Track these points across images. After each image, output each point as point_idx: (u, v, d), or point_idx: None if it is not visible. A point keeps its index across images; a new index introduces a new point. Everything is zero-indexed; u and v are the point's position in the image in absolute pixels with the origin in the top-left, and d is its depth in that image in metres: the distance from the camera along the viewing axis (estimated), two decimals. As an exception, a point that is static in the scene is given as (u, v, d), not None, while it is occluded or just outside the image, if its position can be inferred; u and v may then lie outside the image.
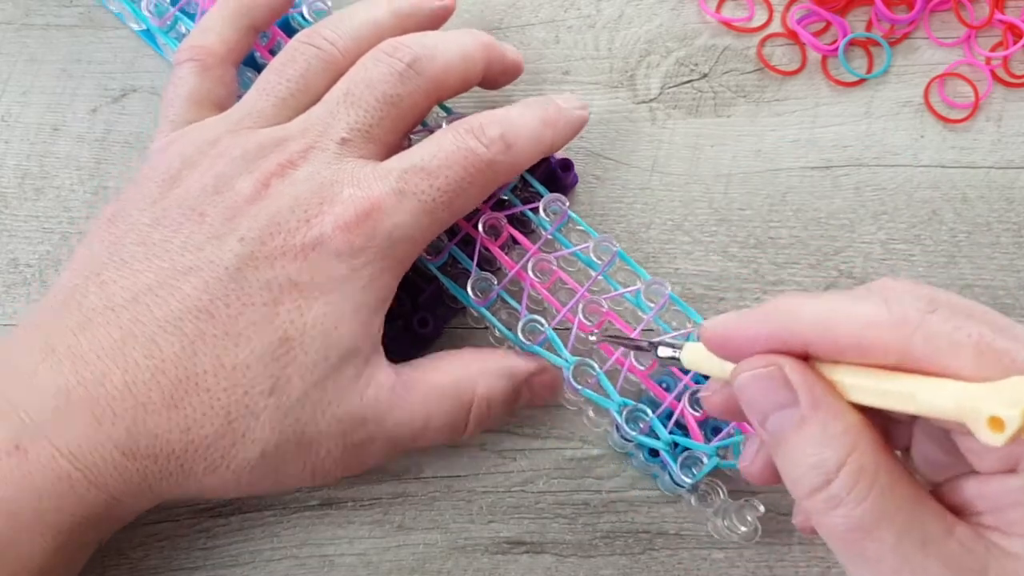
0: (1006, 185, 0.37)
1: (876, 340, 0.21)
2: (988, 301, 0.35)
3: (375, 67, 0.31)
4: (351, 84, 0.31)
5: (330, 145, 0.30)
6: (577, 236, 0.34)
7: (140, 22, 0.37)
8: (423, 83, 0.31)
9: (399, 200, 0.29)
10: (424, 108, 0.32)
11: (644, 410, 0.31)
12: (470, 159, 0.30)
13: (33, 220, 0.37)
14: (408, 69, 0.31)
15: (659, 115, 0.38)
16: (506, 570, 0.33)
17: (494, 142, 0.30)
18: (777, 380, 0.22)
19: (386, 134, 0.31)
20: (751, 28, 0.39)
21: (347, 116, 0.30)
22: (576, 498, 0.33)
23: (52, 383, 0.26)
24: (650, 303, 0.33)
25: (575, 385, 0.32)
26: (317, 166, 0.29)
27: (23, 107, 0.38)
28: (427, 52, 0.31)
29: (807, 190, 0.37)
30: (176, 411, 0.27)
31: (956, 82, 0.38)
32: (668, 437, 0.31)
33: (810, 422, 0.22)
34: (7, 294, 0.36)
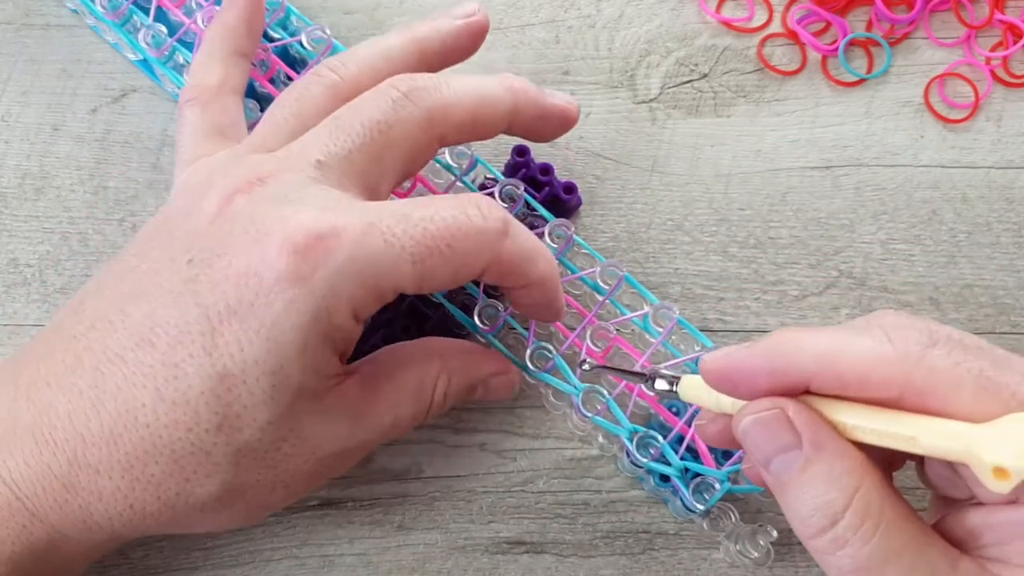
0: (1006, 185, 0.37)
1: (878, 374, 0.21)
2: (988, 301, 0.35)
3: (370, 95, 0.29)
4: (341, 110, 0.29)
5: (304, 167, 0.27)
6: (583, 259, 0.34)
7: (137, 52, 0.37)
8: (418, 114, 0.28)
9: (363, 234, 0.25)
10: (421, 145, 0.29)
11: (655, 436, 0.31)
12: (461, 224, 0.27)
13: (33, 220, 0.37)
14: (403, 97, 0.28)
15: (659, 115, 0.38)
16: (506, 570, 0.33)
17: (494, 219, 0.27)
18: (781, 423, 0.23)
19: (370, 164, 0.28)
20: (751, 28, 0.39)
21: (328, 139, 0.28)
22: (576, 498, 0.33)
23: (5, 408, 0.26)
24: (658, 327, 0.33)
25: (585, 413, 0.31)
26: (284, 186, 0.27)
27: (23, 107, 0.38)
28: (431, 83, 0.29)
29: (807, 190, 0.37)
30: (115, 447, 0.25)
31: (956, 82, 0.38)
32: (679, 463, 0.31)
33: (814, 464, 0.22)
34: (7, 294, 0.36)
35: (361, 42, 0.31)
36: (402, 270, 0.26)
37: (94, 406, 0.25)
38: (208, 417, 0.25)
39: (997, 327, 0.35)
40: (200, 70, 0.33)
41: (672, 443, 0.31)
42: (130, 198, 0.37)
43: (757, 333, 0.35)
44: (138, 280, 0.27)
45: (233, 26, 0.33)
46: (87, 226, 0.37)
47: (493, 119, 0.30)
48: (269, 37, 0.36)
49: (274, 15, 0.36)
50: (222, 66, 0.33)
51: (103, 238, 0.36)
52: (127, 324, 0.26)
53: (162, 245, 0.27)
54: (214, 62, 0.33)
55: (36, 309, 0.36)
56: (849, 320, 0.35)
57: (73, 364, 0.26)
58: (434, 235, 0.26)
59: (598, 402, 0.32)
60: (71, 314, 0.28)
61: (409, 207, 0.27)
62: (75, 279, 0.36)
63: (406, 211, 0.26)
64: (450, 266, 0.27)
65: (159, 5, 0.36)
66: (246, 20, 0.34)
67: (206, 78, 0.32)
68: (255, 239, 0.26)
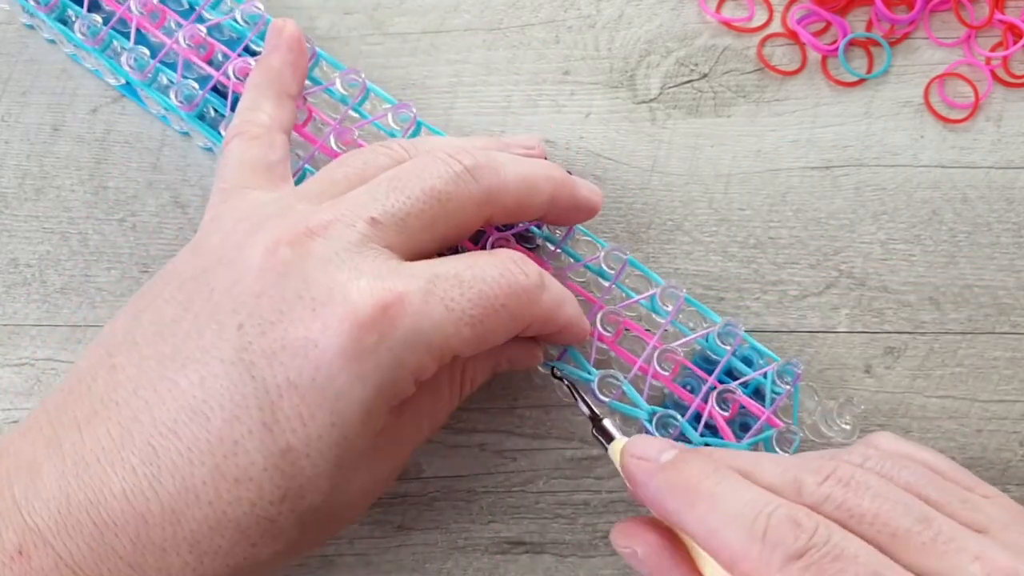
0: (1006, 185, 0.37)
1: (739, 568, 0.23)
2: (988, 301, 0.35)
3: (431, 161, 0.28)
4: (401, 171, 0.28)
5: (357, 223, 0.26)
6: (584, 246, 0.34)
7: (119, 77, 0.36)
8: (476, 191, 0.28)
9: (424, 301, 0.25)
10: (471, 219, 0.29)
11: (674, 415, 0.31)
12: (509, 283, 0.27)
13: (33, 220, 0.37)
14: (465, 172, 0.28)
15: (659, 115, 0.38)
16: (506, 570, 0.33)
17: (533, 275, 0.28)
18: (632, 557, 0.27)
19: (422, 231, 0.27)
20: (751, 28, 0.39)
21: (386, 198, 0.27)
22: (576, 498, 0.33)
23: (55, 484, 0.25)
24: (666, 307, 0.33)
25: (601, 398, 0.31)
26: (336, 244, 0.26)
27: (23, 107, 0.38)
28: (490, 163, 0.29)
29: (807, 190, 0.37)
30: (179, 525, 0.25)
31: (956, 82, 0.38)
32: (700, 439, 0.31)
33: None
34: (7, 294, 0.36)
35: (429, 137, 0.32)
36: (463, 333, 0.26)
37: (152, 486, 0.24)
38: (271, 491, 0.25)
39: (997, 327, 0.35)
40: (247, 109, 0.32)
41: (690, 421, 0.31)
42: (130, 198, 0.37)
43: (757, 333, 0.35)
44: (181, 342, 0.26)
45: (278, 69, 0.33)
46: (87, 226, 0.37)
47: (535, 205, 0.30)
48: (251, 51, 0.36)
49: (255, 28, 0.36)
50: (270, 105, 0.32)
51: (103, 238, 0.36)
52: (176, 394, 0.25)
53: (204, 299, 0.26)
54: (262, 101, 0.32)
55: (36, 309, 0.36)
56: (848, 318, 0.35)
57: (121, 437, 0.25)
58: (489, 297, 0.27)
59: (614, 387, 0.32)
60: (105, 370, 0.26)
61: (457, 267, 0.27)
62: (75, 279, 0.36)
63: (457, 272, 0.27)
64: (504, 326, 0.27)
65: (139, 27, 0.36)
66: (290, 63, 0.33)
67: (255, 115, 0.32)
68: (312, 308, 0.25)
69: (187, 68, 0.35)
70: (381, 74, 0.38)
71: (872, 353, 0.35)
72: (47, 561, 0.24)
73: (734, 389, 0.31)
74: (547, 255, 0.34)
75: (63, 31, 0.36)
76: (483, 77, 0.38)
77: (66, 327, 0.35)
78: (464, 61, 0.39)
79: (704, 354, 0.33)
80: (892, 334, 0.35)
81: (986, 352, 0.35)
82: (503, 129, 0.38)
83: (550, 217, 0.31)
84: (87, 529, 0.24)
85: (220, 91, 0.35)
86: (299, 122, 0.35)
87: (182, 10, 0.37)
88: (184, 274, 0.27)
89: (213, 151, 0.37)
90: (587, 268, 0.33)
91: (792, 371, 0.32)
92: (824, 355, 0.35)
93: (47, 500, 0.25)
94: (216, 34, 0.36)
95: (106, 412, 0.25)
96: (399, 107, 0.34)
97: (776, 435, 0.31)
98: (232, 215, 0.28)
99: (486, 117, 0.38)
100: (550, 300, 0.28)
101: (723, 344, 0.32)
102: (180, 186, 0.37)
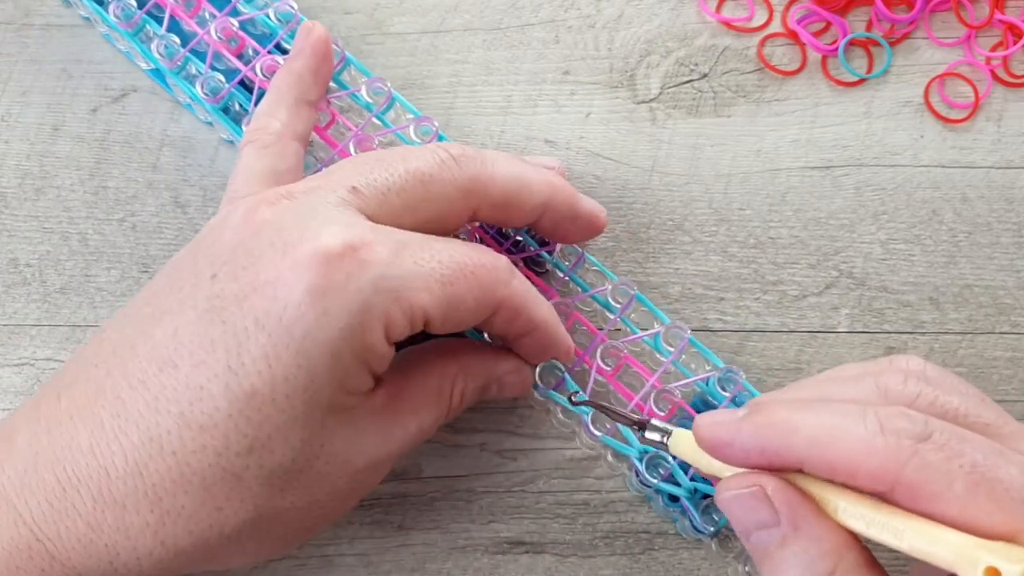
0: (1006, 185, 0.37)
1: (868, 467, 0.22)
2: (988, 301, 0.35)
3: (420, 149, 0.29)
4: (387, 151, 0.29)
5: (338, 188, 0.27)
6: (594, 276, 0.34)
7: (149, 62, 0.36)
8: (460, 177, 0.28)
9: (395, 253, 0.25)
10: (455, 207, 0.29)
11: (665, 457, 0.31)
12: (479, 258, 0.27)
13: (33, 220, 0.37)
14: (450, 159, 0.28)
15: (659, 115, 0.38)
16: (506, 570, 0.33)
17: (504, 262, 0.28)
18: (759, 500, 0.23)
19: (403, 210, 0.28)
20: (751, 28, 0.39)
21: (370, 172, 0.27)
22: (576, 498, 0.33)
23: (26, 444, 0.25)
24: (669, 347, 0.33)
25: (594, 432, 0.31)
26: (314, 202, 0.26)
27: (23, 107, 0.38)
28: (478, 155, 0.29)
29: (807, 190, 0.37)
30: (141, 479, 0.24)
31: (956, 82, 0.38)
32: (689, 484, 0.31)
33: (791, 543, 0.23)
34: (7, 294, 0.36)
35: None
36: (433, 289, 0.26)
37: (117, 437, 0.24)
38: (237, 440, 0.24)
39: (997, 327, 0.35)
40: (264, 114, 0.32)
41: (681, 463, 0.31)
42: (130, 198, 0.37)
43: (757, 333, 0.35)
44: (161, 301, 0.26)
45: (300, 74, 0.33)
46: (87, 226, 0.37)
47: (527, 206, 0.30)
48: (281, 49, 0.36)
49: (287, 27, 0.36)
50: (287, 112, 0.32)
51: (103, 238, 0.36)
52: (149, 347, 0.25)
53: (187, 266, 0.26)
54: (279, 108, 0.32)
55: (36, 309, 0.36)
56: (848, 318, 0.35)
57: (94, 393, 0.25)
58: (460, 263, 0.27)
59: (607, 421, 0.31)
60: (95, 343, 0.27)
61: (429, 239, 0.27)
62: (75, 279, 0.36)
63: (427, 240, 0.26)
64: (473, 295, 0.27)
65: (172, 15, 0.36)
66: (313, 69, 0.33)
67: (270, 122, 0.32)
68: (282, 250, 0.25)
69: (216, 60, 0.36)
70: (381, 74, 0.38)
71: (872, 353, 0.35)
72: (7, 518, 0.24)
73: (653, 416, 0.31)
74: (555, 282, 0.34)
75: (98, 11, 0.36)
76: (483, 77, 0.38)
77: (66, 327, 0.35)
78: (464, 61, 0.39)
79: (703, 397, 0.33)
80: (892, 334, 0.35)
81: (986, 352, 0.35)
82: (503, 129, 0.38)
83: (546, 225, 0.31)
84: (49, 485, 0.24)
85: (247, 86, 0.35)
86: (322, 124, 0.35)
87: (217, 1, 0.37)
88: (175, 258, 0.28)
89: (235, 144, 0.37)
90: (594, 299, 0.33)
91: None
92: (824, 355, 0.35)
93: (15, 461, 0.25)
94: (249, 28, 0.36)
95: (85, 374, 0.26)
96: (421, 120, 0.34)
97: None
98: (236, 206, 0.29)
99: (486, 117, 0.38)
100: (520, 287, 0.28)
101: (722, 390, 0.32)
102: (180, 186, 0.37)
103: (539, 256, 0.34)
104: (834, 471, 0.22)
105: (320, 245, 0.25)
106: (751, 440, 0.23)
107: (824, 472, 0.22)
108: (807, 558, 0.22)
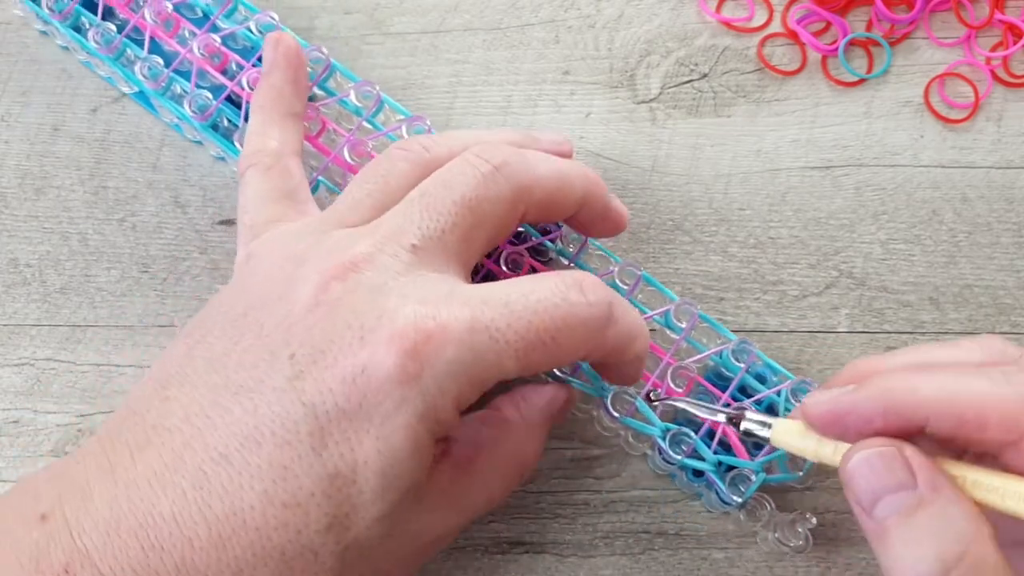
0: (1006, 185, 0.37)
1: (999, 414, 0.22)
2: (988, 301, 0.35)
3: (458, 167, 0.28)
4: (429, 184, 0.28)
5: (399, 252, 0.27)
6: (598, 261, 0.34)
7: (132, 85, 0.36)
8: (508, 190, 0.28)
9: (469, 330, 0.25)
10: (506, 220, 0.28)
11: (687, 432, 0.31)
12: (564, 315, 0.26)
13: (33, 220, 0.37)
14: (494, 172, 0.28)
15: (659, 115, 0.38)
16: (506, 570, 0.33)
17: (599, 305, 0.27)
18: (896, 460, 0.22)
19: (459, 243, 0.27)
20: (751, 28, 0.39)
21: (420, 220, 0.27)
22: (576, 498, 0.33)
23: (106, 506, 0.25)
24: (679, 323, 0.33)
25: (614, 414, 0.31)
26: (382, 274, 0.26)
27: (23, 107, 0.38)
28: (519, 159, 0.28)
29: (807, 190, 0.37)
30: (224, 551, 0.25)
31: (956, 82, 0.38)
32: (713, 457, 0.31)
33: (929, 506, 0.22)
34: (7, 294, 0.36)
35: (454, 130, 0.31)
36: (506, 365, 0.26)
37: (200, 509, 0.25)
38: (318, 518, 0.25)
39: (997, 327, 0.35)
40: (256, 135, 0.32)
41: (703, 438, 0.31)
42: (130, 198, 0.37)
43: (757, 333, 0.35)
44: (233, 373, 0.26)
45: (279, 88, 0.33)
46: (87, 226, 0.37)
47: (568, 202, 0.30)
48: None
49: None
50: (278, 129, 0.32)
51: (103, 238, 0.36)
52: (228, 421, 0.25)
53: (254, 334, 0.26)
54: (269, 126, 0.32)
55: (36, 309, 0.36)
56: (848, 318, 0.35)
57: (173, 462, 0.25)
58: (538, 329, 0.26)
59: (627, 403, 0.31)
60: (158, 401, 0.26)
61: (511, 293, 0.26)
62: (75, 279, 0.36)
63: (508, 300, 0.26)
64: (553, 358, 0.26)
65: (153, 36, 0.35)
66: (291, 80, 0.33)
67: (265, 142, 0.32)
68: (360, 336, 0.25)
69: (201, 77, 0.35)
70: (381, 74, 0.38)
71: (872, 353, 0.35)
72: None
73: (747, 407, 0.31)
74: (560, 268, 0.33)
75: (77, 39, 0.36)
76: (483, 77, 0.38)
77: (66, 327, 0.35)
78: (464, 61, 0.39)
79: (718, 371, 0.33)
80: (892, 334, 0.35)
81: (986, 352, 0.35)
82: (503, 129, 0.38)
83: (579, 219, 0.31)
84: (133, 552, 0.24)
85: (234, 101, 0.35)
86: (312, 133, 0.34)
87: (196, 19, 0.36)
88: (232, 312, 0.27)
89: (226, 160, 0.36)
90: None
91: (806, 390, 0.32)
92: (824, 355, 0.35)
93: (97, 522, 0.25)
94: (230, 43, 0.36)
95: (158, 439, 0.26)
96: (413, 120, 0.34)
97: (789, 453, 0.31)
98: (270, 252, 0.29)
99: (486, 117, 0.38)
100: (616, 336, 0.27)
101: (737, 361, 0.32)
102: (180, 186, 0.37)
103: (542, 244, 0.33)
104: (962, 423, 0.22)
105: (396, 332, 0.25)
106: (871, 404, 0.23)
107: (952, 425, 0.22)
108: (947, 522, 0.21)
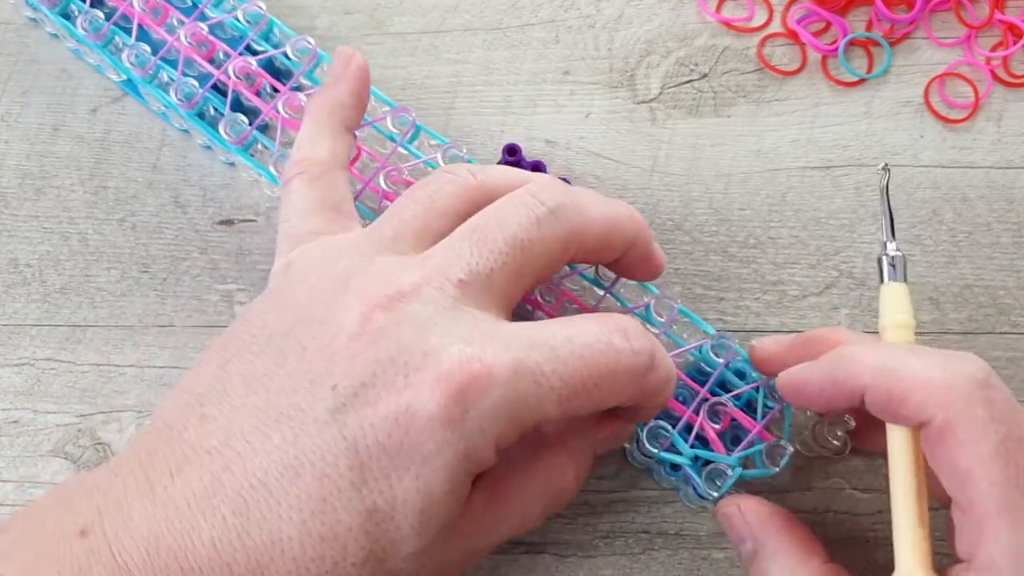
0: (1006, 185, 0.37)
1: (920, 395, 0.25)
2: (988, 301, 0.35)
3: (513, 206, 0.28)
4: (482, 219, 0.28)
5: (447, 286, 0.26)
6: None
7: (121, 73, 0.36)
8: (561, 233, 0.28)
9: (514, 373, 0.25)
10: (556, 262, 0.28)
11: (664, 426, 0.31)
12: (608, 361, 0.26)
13: (33, 220, 0.37)
14: (549, 215, 0.27)
15: (659, 115, 0.38)
16: (506, 570, 0.33)
17: (643, 354, 0.27)
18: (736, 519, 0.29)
19: (507, 283, 0.27)
20: (751, 28, 0.39)
21: (470, 255, 0.27)
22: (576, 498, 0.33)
23: (146, 525, 0.25)
24: (659, 317, 0.33)
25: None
26: (428, 308, 0.26)
27: (23, 107, 0.38)
28: (574, 203, 0.28)
29: (807, 190, 0.37)
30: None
31: (956, 82, 0.38)
32: (690, 452, 0.31)
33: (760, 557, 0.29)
34: (7, 294, 0.36)
35: None
36: (547, 409, 0.26)
37: (239, 536, 0.25)
38: (355, 552, 0.25)
39: (997, 327, 0.35)
40: (308, 143, 0.32)
41: (681, 432, 0.31)
42: (130, 198, 0.37)
43: (757, 333, 0.35)
44: (275, 397, 0.26)
45: (342, 101, 0.32)
46: (87, 226, 0.37)
47: (616, 246, 0.30)
48: (252, 50, 0.36)
49: (257, 28, 0.35)
50: (331, 140, 0.32)
51: (103, 238, 0.36)
52: (268, 448, 0.25)
53: (296, 357, 0.26)
54: (323, 136, 0.32)
55: (36, 309, 0.36)
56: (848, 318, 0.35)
57: (212, 485, 0.25)
58: (583, 375, 0.26)
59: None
60: (196, 418, 0.26)
61: (556, 336, 0.26)
62: (75, 279, 0.36)
63: (554, 344, 0.26)
64: (594, 402, 0.27)
65: (141, 24, 0.36)
66: (355, 94, 0.33)
67: (315, 151, 0.31)
68: (404, 374, 0.25)
69: (188, 66, 0.35)
70: (381, 74, 0.38)
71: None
72: None
73: (726, 402, 0.31)
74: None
75: (65, 26, 0.36)
76: (483, 77, 0.38)
77: (66, 327, 0.35)
78: (464, 61, 0.39)
79: (697, 366, 0.33)
80: (892, 334, 0.35)
81: (986, 352, 0.35)
82: (503, 129, 0.38)
83: (621, 263, 0.31)
84: (173, 573, 0.25)
85: (220, 90, 0.35)
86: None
87: (184, 7, 0.37)
88: (272, 328, 0.27)
89: (212, 149, 0.37)
90: (582, 276, 0.33)
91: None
92: (824, 355, 0.35)
93: (137, 540, 0.25)
94: (218, 32, 0.36)
95: (198, 460, 0.25)
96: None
97: (766, 449, 0.31)
98: (311, 267, 0.28)
99: (486, 117, 0.38)
100: (655, 381, 0.27)
101: (716, 356, 0.32)
102: (180, 186, 0.37)
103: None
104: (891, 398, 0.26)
105: (442, 374, 0.25)
106: (821, 373, 0.28)
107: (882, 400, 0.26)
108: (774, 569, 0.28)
